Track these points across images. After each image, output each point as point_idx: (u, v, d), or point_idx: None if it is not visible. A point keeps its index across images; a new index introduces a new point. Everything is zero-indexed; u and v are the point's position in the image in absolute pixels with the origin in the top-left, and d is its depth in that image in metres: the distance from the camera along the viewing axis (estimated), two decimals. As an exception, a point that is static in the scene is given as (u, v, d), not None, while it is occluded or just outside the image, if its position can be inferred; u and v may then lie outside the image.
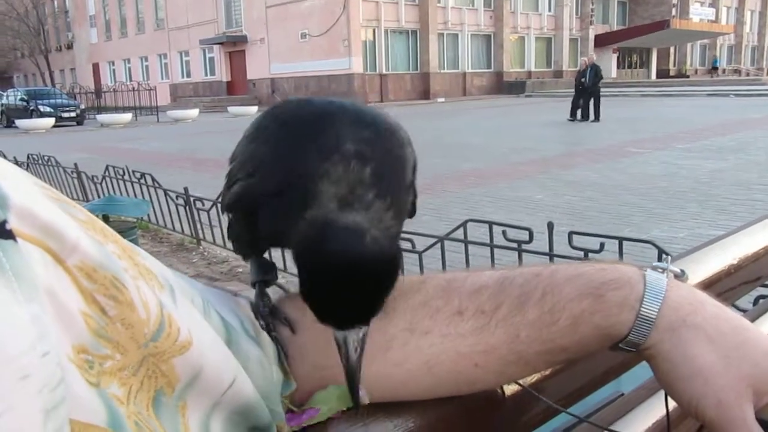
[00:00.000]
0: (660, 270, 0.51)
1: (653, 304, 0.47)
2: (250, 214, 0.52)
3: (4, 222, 0.30)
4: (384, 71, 30.52)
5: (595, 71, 16.75)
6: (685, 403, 0.47)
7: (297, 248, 0.45)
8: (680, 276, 0.52)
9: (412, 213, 0.56)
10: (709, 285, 0.75)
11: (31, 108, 25.52)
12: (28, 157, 8.13)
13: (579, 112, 16.66)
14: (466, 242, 3.44)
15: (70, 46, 47.72)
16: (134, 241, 4.91)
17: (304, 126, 0.50)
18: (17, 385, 0.28)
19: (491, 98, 30.94)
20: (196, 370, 0.42)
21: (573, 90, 17.34)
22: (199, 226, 5.59)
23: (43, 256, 0.33)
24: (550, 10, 37.47)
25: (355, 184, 0.46)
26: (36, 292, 0.31)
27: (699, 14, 44.19)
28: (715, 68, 45.46)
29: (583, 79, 16.82)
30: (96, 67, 45.33)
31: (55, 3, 48.98)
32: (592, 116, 16.39)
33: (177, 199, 5.61)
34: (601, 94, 16.66)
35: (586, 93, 16.63)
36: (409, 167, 0.52)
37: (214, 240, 5.34)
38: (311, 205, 0.46)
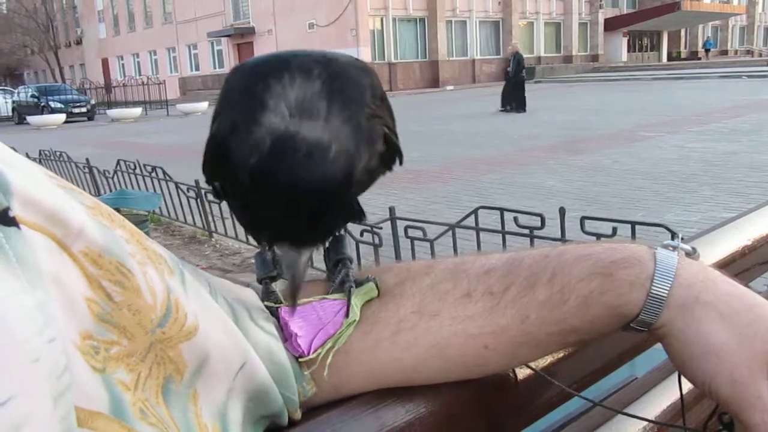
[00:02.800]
0: (671, 248, 0.50)
1: (664, 282, 0.47)
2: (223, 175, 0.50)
3: (7, 209, 0.30)
4: (392, 60, 30.40)
5: (517, 60, 16.37)
6: (698, 381, 0.46)
7: (247, 161, 0.42)
8: (691, 254, 0.51)
9: (391, 158, 0.54)
10: (722, 266, 0.75)
11: (42, 104, 25.66)
12: (40, 153, 8.18)
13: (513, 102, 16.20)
14: (477, 229, 3.43)
15: (79, 42, 47.89)
16: (146, 234, 4.91)
17: (257, 64, 0.49)
18: (30, 368, 0.28)
19: (501, 85, 30.72)
20: (204, 356, 0.42)
21: (583, 75, 17.08)
22: (210, 218, 5.60)
23: (48, 243, 0.33)
24: (558, -6, 37.21)
25: (307, 93, 0.45)
26: (41, 279, 0.31)
27: (710, -5, 43.71)
28: (707, 50, 43.97)
29: (508, 69, 16.45)
30: (105, 62, 45.48)
31: (64, -1, 49.21)
32: (523, 106, 15.98)
33: (188, 191, 5.63)
34: (525, 83, 16.27)
35: (510, 83, 16.26)
36: (364, 89, 0.49)
37: (225, 232, 5.36)
38: (259, 117, 0.44)
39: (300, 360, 0.51)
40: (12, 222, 0.30)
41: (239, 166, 0.43)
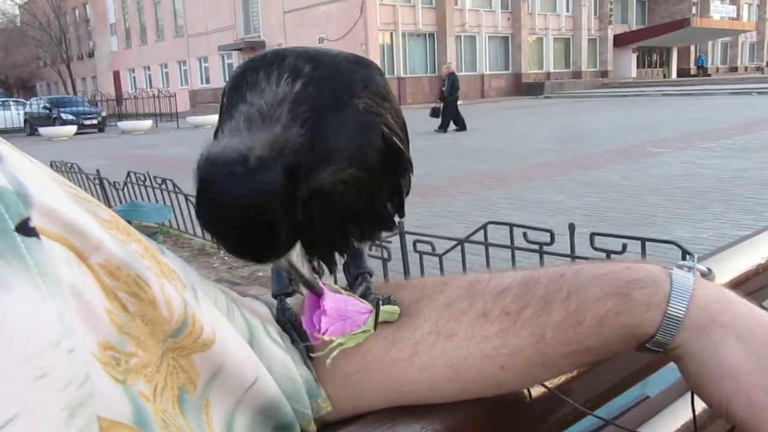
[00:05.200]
0: (686, 269, 0.50)
1: (680, 303, 0.46)
2: None
3: (27, 220, 0.30)
4: (402, 74, 30.51)
5: (452, 81, 16.21)
6: (714, 403, 0.46)
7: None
8: (707, 275, 0.51)
9: (398, 164, 0.53)
10: (737, 284, 0.74)
11: (54, 116, 25.84)
12: (51, 165, 8.22)
13: (451, 123, 16.03)
14: (486, 245, 3.42)
15: (91, 55, 48.32)
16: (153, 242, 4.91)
17: (254, 60, 0.50)
18: (34, 386, 0.28)
19: (510, 100, 30.82)
20: (217, 367, 0.43)
21: (592, 91, 17.01)
22: (219, 230, 5.61)
23: (67, 254, 0.33)
24: (568, 10, 37.24)
25: (276, 99, 0.45)
26: (60, 289, 0.31)
27: (720, 12, 43.64)
28: (700, 67, 43.34)
29: (443, 89, 16.28)
30: (117, 75, 45.84)
31: (77, 12, 49.62)
32: (461, 125, 15.85)
33: (197, 204, 5.64)
34: (458, 105, 16.10)
35: (446, 103, 16.04)
36: (353, 84, 0.48)
37: (234, 244, 5.35)
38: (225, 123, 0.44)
39: (310, 344, 0.51)
40: (32, 232, 0.30)
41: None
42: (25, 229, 0.30)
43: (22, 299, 0.29)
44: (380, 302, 0.52)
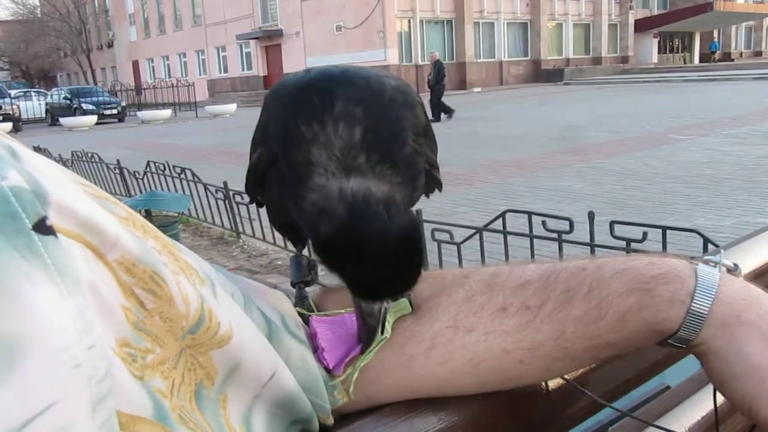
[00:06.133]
0: (712, 264, 0.49)
1: (705, 299, 0.45)
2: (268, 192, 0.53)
3: (45, 218, 0.31)
4: (420, 62, 30.34)
5: (438, 69, 15.98)
6: (737, 401, 0.45)
7: (317, 226, 0.45)
8: (733, 270, 0.50)
9: (430, 185, 0.55)
10: (758, 276, 0.73)
11: (75, 106, 26.12)
12: (72, 154, 8.32)
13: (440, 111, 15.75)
14: (505, 233, 3.41)
15: (110, 45, 48.67)
16: (176, 236, 4.99)
17: (298, 92, 0.50)
18: (71, 374, 0.29)
19: (529, 87, 30.58)
20: (235, 363, 0.43)
21: (613, 77, 16.73)
22: (238, 219, 5.65)
23: (84, 251, 0.33)
24: (588, -5, 36.84)
25: (351, 140, 0.46)
26: (79, 287, 0.31)
27: (743, -5, 42.92)
28: (713, 52, 42.35)
29: (429, 77, 16.12)
30: (136, 65, 46.15)
31: (96, 3, 49.95)
32: (445, 115, 15.61)
33: (216, 193, 5.68)
34: (443, 93, 15.91)
35: (432, 91, 15.84)
36: (406, 129, 0.50)
37: (253, 233, 5.40)
38: (309, 171, 0.46)
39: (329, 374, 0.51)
40: (50, 231, 0.31)
41: (306, 226, 0.47)
42: (42, 227, 0.30)
43: (43, 298, 0.29)
44: (388, 305, 0.52)
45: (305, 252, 0.59)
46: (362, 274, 0.46)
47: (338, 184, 0.45)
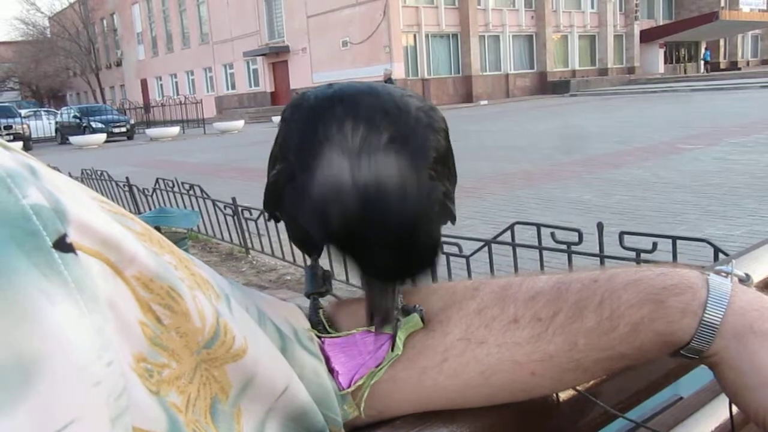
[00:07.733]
0: (723, 274, 0.49)
1: (717, 310, 0.45)
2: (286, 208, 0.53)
3: (65, 236, 0.31)
4: (426, 76, 30.48)
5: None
6: (752, 412, 0.45)
7: (328, 208, 0.44)
8: (745, 280, 0.50)
9: (443, 217, 0.54)
10: (770, 285, 0.72)
11: (84, 125, 26.32)
12: (82, 172, 8.37)
13: None
14: (514, 245, 3.40)
15: (119, 64, 49.14)
16: (185, 252, 4.97)
17: (321, 102, 0.49)
18: (90, 392, 0.29)
19: (535, 99, 30.60)
20: (249, 377, 0.43)
21: (619, 88, 16.75)
22: (247, 235, 5.66)
23: (103, 268, 0.33)
24: (593, 7, 36.83)
25: (368, 149, 0.45)
26: (98, 304, 0.31)
27: (749, 4, 42.81)
28: (707, 62, 42.15)
29: None
30: (144, 83, 46.52)
31: (104, 22, 50.49)
32: None
33: (225, 209, 5.70)
34: None
35: None
36: (428, 150, 0.50)
37: (262, 249, 5.40)
38: (323, 167, 0.45)
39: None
40: (69, 248, 0.31)
41: (325, 221, 0.45)
42: (62, 245, 0.30)
43: (63, 315, 0.29)
44: (399, 322, 0.51)
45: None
46: (372, 259, 0.45)
47: (351, 170, 0.44)
